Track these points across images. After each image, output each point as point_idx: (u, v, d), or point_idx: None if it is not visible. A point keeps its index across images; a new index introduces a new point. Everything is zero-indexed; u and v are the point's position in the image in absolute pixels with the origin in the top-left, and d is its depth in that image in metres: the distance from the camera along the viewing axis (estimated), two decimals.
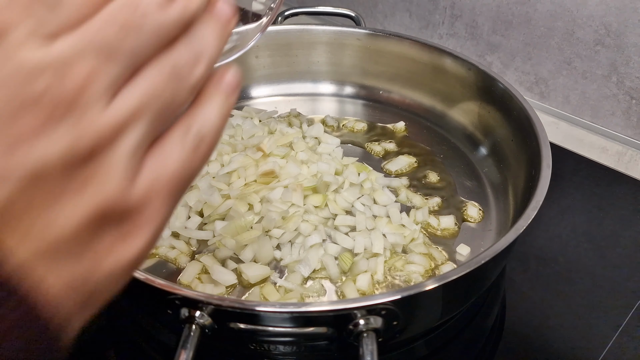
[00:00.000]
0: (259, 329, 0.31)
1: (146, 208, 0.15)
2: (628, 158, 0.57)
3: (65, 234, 0.13)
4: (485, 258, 0.31)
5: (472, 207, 0.47)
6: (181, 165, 0.15)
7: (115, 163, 0.14)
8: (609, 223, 0.48)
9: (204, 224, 0.43)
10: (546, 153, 0.40)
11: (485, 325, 0.40)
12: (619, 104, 0.58)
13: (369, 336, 0.29)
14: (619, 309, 0.41)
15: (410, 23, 0.71)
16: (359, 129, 0.57)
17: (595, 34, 0.57)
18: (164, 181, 0.15)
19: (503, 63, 0.65)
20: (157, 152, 0.15)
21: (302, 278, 0.40)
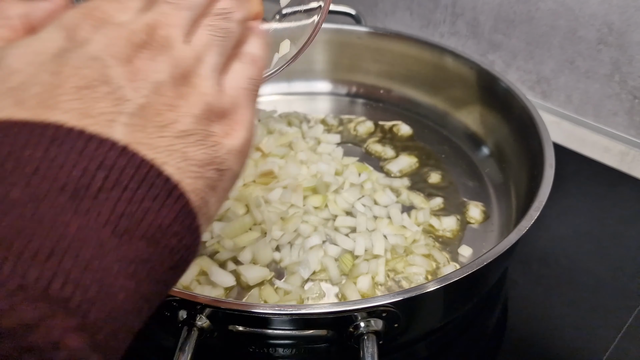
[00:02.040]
0: (258, 332, 0.30)
1: (236, 107, 0.21)
2: (631, 158, 0.57)
3: (189, 128, 0.18)
4: (487, 259, 0.31)
5: (474, 208, 0.46)
6: (248, 75, 0.22)
7: (204, 76, 0.20)
8: (612, 223, 0.48)
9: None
10: (549, 153, 0.40)
11: (487, 327, 0.40)
12: (621, 103, 0.58)
13: (370, 338, 0.29)
14: (622, 310, 0.40)
15: (411, 21, 0.71)
16: (360, 128, 0.56)
17: (598, 33, 0.56)
18: (242, 86, 0.21)
19: (505, 62, 0.65)
20: (229, 70, 0.22)
21: (302, 280, 0.39)
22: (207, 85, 0.19)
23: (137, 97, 0.17)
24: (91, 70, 0.17)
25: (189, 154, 0.18)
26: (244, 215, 0.43)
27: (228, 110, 0.20)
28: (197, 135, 0.19)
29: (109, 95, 0.17)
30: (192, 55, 0.19)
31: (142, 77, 0.18)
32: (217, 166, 0.19)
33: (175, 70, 0.19)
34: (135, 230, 0.16)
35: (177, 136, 0.18)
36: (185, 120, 0.18)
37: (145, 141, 0.17)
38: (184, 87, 0.19)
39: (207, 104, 0.19)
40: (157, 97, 0.18)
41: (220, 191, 0.20)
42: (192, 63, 0.19)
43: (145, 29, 0.19)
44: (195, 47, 0.20)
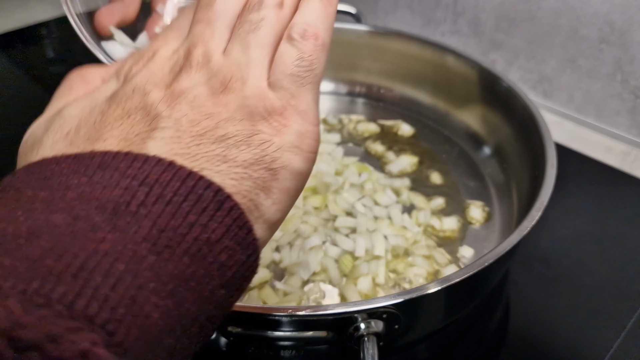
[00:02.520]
0: (257, 333, 0.30)
1: (286, 99, 0.19)
2: (633, 158, 0.57)
3: (229, 129, 0.18)
4: (488, 260, 0.31)
5: (476, 208, 0.46)
6: (295, 56, 0.19)
7: (245, 78, 0.19)
8: (614, 224, 0.48)
9: None
10: (550, 153, 0.40)
11: (488, 328, 0.40)
12: (623, 103, 0.58)
13: (370, 340, 0.29)
14: (624, 311, 0.40)
15: (412, 20, 0.71)
16: (360, 128, 0.56)
17: (600, 32, 0.56)
18: (288, 72, 0.19)
19: (506, 61, 0.65)
20: (275, 58, 0.19)
21: (302, 281, 0.39)
22: (248, 86, 0.19)
23: (173, 113, 0.17)
24: (132, 101, 0.18)
25: (229, 156, 0.17)
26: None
27: (275, 107, 0.19)
28: (238, 137, 0.18)
29: (145, 117, 0.17)
30: (230, 61, 0.19)
31: (178, 95, 0.18)
32: (266, 165, 0.18)
33: (213, 79, 0.18)
34: (178, 245, 0.15)
35: (216, 141, 0.17)
36: (225, 125, 0.18)
37: (181, 151, 0.17)
38: (224, 94, 0.18)
39: (250, 107, 0.18)
40: (195, 109, 0.18)
41: (277, 191, 0.18)
42: (231, 69, 0.19)
43: (183, 54, 0.19)
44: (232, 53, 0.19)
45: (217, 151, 0.17)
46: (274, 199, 0.18)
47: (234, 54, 0.19)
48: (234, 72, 0.19)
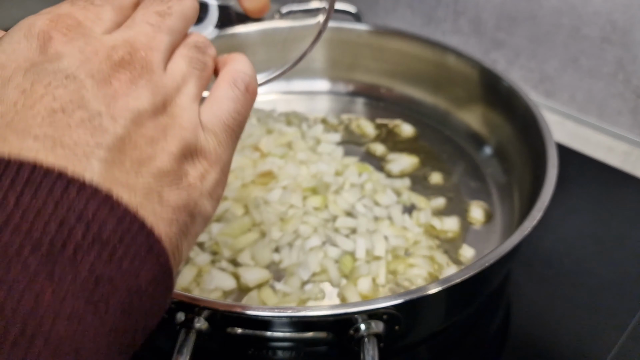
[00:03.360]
0: (257, 334, 0.30)
1: (213, 145, 0.19)
2: (635, 158, 0.57)
3: (165, 166, 0.17)
4: (489, 261, 0.31)
5: (477, 209, 0.46)
6: (232, 108, 0.20)
7: (183, 107, 0.18)
8: (616, 224, 0.47)
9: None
10: (552, 153, 0.39)
11: (489, 329, 0.40)
12: (625, 102, 0.57)
13: (370, 341, 0.28)
14: (626, 312, 0.40)
15: (412, 19, 0.71)
16: (360, 127, 0.56)
17: (602, 31, 0.56)
18: (223, 120, 0.19)
19: (507, 60, 0.65)
20: (209, 102, 0.20)
21: (302, 281, 0.39)
22: (186, 117, 0.18)
23: (116, 127, 0.16)
24: (66, 91, 0.15)
25: (164, 196, 0.16)
26: (243, 216, 0.42)
27: (204, 149, 0.18)
28: (173, 176, 0.17)
29: (86, 122, 0.15)
30: (171, 83, 0.18)
31: (121, 104, 0.16)
32: (190, 210, 0.18)
33: (156, 97, 0.17)
34: (112, 297, 0.14)
35: (155, 175, 0.16)
36: (162, 157, 0.17)
37: (123, 180, 0.15)
38: (163, 117, 0.17)
39: (185, 140, 0.18)
40: (136, 128, 0.16)
41: (191, 236, 0.18)
42: (171, 91, 0.18)
43: (125, 47, 0.17)
44: (174, 74, 0.18)
45: (155, 187, 0.16)
46: (188, 244, 0.18)
47: (176, 75, 0.18)
48: (175, 97, 0.18)
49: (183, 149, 0.17)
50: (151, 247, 0.15)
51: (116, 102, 0.16)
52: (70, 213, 0.14)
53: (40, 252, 0.13)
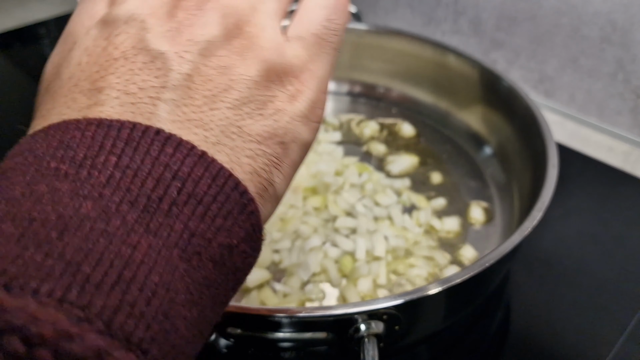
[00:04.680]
0: (257, 334, 0.30)
1: (303, 61, 0.17)
2: (635, 158, 0.57)
3: (244, 91, 0.16)
4: (489, 261, 0.31)
5: (477, 209, 0.46)
6: (322, 16, 0.18)
7: (262, 25, 0.16)
8: (616, 224, 0.47)
9: None
10: (552, 153, 0.39)
11: (489, 329, 0.40)
12: (625, 102, 0.57)
13: (370, 341, 0.28)
14: (626, 312, 0.40)
15: (412, 19, 0.71)
16: (360, 127, 0.56)
17: (601, 31, 0.56)
18: (312, 31, 0.17)
19: (507, 60, 0.65)
20: (297, 14, 0.18)
21: (301, 282, 0.39)
22: (266, 36, 0.16)
23: (182, 64, 0.15)
24: (127, 36, 0.15)
25: (245, 128, 0.15)
26: None
27: (292, 67, 0.17)
28: (255, 103, 0.16)
29: (149, 64, 0.15)
30: (246, 3, 0.16)
31: (187, 36, 0.15)
32: (279, 139, 0.16)
33: (227, 20, 0.16)
34: (205, 251, 0.14)
35: (231, 106, 0.15)
36: (240, 85, 0.15)
37: (193, 116, 0.15)
38: (237, 40, 0.16)
39: (267, 62, 0.16)
40: (206, 59, 0.15)
41: (287, 167, 0.17)
42: (246, 11, 0.16)
43: None
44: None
45: (232, 120, 0.15)
46: (284, 174, 0.17)
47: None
48: (250, 16, 0.16)
49: (266, 71, 0.16)
50: (244, 205, 0.15)
51: (180, 36, 0.15)
52: (166, 172, 0.14)
53: (137, 208, 0.14)
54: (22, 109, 0.61)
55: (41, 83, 0.17)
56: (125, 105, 0.14)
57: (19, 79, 0.68)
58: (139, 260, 0.13)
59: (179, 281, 0.14)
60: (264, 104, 0.16)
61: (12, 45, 0.75)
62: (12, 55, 0.73)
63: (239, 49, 0.16)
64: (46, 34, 0.77)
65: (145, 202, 0.14)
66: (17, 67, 0.71)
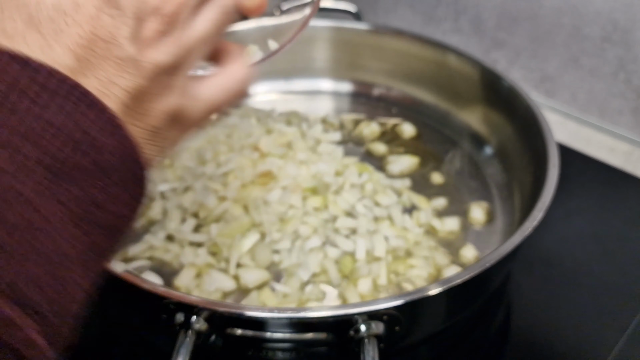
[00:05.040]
0: (257, 335, 0.30)
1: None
2: (636, 158, 0.56)
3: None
4: (490, 261, 0.31)
5: (477, 209, 0.46)
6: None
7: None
8: (617, 225, 0.47)
9: (200, 226, 0.43)
10: (552, 153, 0.39)
11: (489, 330, 0.40)
12: (626, 102, 0.57)
13: (371, 342, 0.28)
14: (627, 312, 0.40)
15: (412, 18, 0.71)
16: (360, 127, 0.56)
17: (603, 31, 0.56)
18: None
19: (508, 60, 0.64)
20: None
21: (301, 282, 0.39)
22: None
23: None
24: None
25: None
26: (243, 217, 0.42)
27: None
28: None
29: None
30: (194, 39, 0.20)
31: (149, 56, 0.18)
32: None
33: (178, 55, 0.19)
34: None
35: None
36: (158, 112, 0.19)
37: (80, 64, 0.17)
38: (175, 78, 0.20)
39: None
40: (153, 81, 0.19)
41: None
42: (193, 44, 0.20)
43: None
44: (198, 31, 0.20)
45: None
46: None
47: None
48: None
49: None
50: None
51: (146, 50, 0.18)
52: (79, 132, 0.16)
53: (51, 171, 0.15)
54: None
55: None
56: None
57: None
58: (41, 226, 0.14)
59: (70, 241, 0.15)
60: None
61: None
62: None
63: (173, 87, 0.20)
64: None
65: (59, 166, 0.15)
66: None
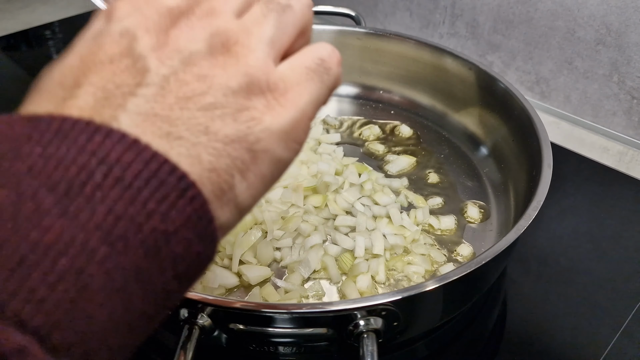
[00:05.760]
0: (259, 330, 0.30)
1: (290, 84, 0.18)
2: (629, 158, 0.57)
3: (219, 98, 0.16)
4: (485, 258, 0.31)
5: (473, 208, 0.46)
6: (318, 54, 0.19)
7: (252, 47, 0.17)
8: (610, 223, 0.48)
9: None
10: (547, 153, 0.40)
11: (486, 326, 0.40)
12: (620, 103, 0.58)
13: (370, 337, 0.29)
14: (620, 310, 0.40)
15: (410, 22, 0.71)
16: (359, 129, 0.56)
17: (596, 34, 0.56)
18: (305, 64, 0.18)
19: (504, 62, 0.65)
20: (294, 51, 0.19)
21: (302, 279, 0.39)
22: (254, 56, 0.17)
23: (161, 67, 0.16)
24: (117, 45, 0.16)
25: (212, 128, 0.16)
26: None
27: (277, 85, 0.17)
28: (228, 109, 0.16)
29: (131, 67, 0.15)
30: (238, 25, 0.17)
31: (172, 47, 0.16)
32: (248, 145, 0.16)
33: (215, 38, 0.17)
34: (134, 236, 0.14)
35: (202, 108, 0.16)
36: (216, 92, 0.16)
37: (162, 112, 0.15)
38: (223, 56, 0.17)
39: (249, 76, 0.16)
40: (187, 67, 0.16)
41: (253, 177, 0.17)
42: (237, 33, 0.17)
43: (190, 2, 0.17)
44: (245, 18, 0.18)
45: (201, 120, 0.15)
46: (249, 183, 0.17)
47: (248, 22, 0.17)
48: (241, 38, 0.17)
49: (248, 85, 0.16)
50: (183, 190, 0.14)
51: (166, 46, 0.16)
52: (92, 158, 0.14)
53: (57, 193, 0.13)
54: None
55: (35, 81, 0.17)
56: (98, 100, 0.15)
57: (24, 80, 0.69)
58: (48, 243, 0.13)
59: (97, 265, 0.13)
60: (239, 111, 0.16)
61: (17, 47, 0.76)
62: (18, 57, 0.74)
63: (222, 63, 0.16)
64: (51, 36, 0.78)
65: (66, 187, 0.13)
66: (23, 68, 0.71)
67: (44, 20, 0.79)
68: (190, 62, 0.16)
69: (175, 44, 0.16)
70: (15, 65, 0.72)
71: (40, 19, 0.79)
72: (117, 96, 0.15)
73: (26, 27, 0.78)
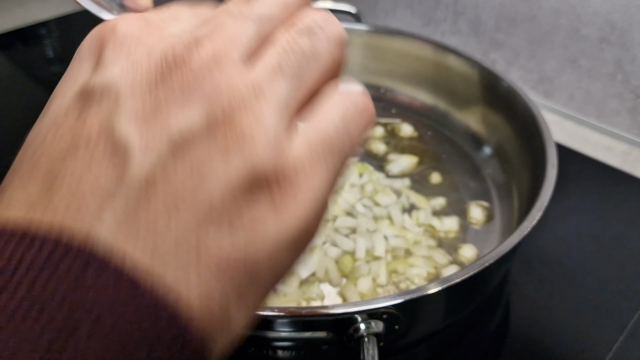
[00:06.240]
0: (257, 334, 0.30)
1: (300, 174, 0.13)
2: (633, 158, 0.57)
3: (218, 201, 0.12)
4: (489, 260, 0.31)
5: (476, 208, 0.46)
6: (336, 123, 0.14)
7: (261, 118, 0.13)
8: (615, 224, 0.48)
9: None
10: (551, 153, 0.39)
11: (488, 329, 0.40)
12: (624, 102, 0.58)
13: (370, 341, 0.29)
14: (625, 311, 0.40)
15: (412, 20, 0.71)
16: None
17: (600, 32, 0.56)
18: (318, 142, 0.14)
19: (507, 61, 0.65)
20: (312, 111, 0.14)
21: (301, 281, 0.39)
22: (264, 136, 0.12)
23: (146, 155, 0.12)
24: (97, 116, 0.12)
25: (205, 243, 0.12)
26: None
27: (288, 174, 0.13)
28: (225, 215, 0.12)
29: (109, 159, 0.12)
30: (247, 82, 0.13)
31: (160, 121, 0.12)
32: (249, 265, 0.13)
33: (216, 105, 0.12)
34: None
35: (195, 217, 0.12)
36: (212, 192, 0.12)
37: (144, 225, 0.12)
38: (224, 136, 0.12)
39: (255, 166, 0.12)
40: (178, 153, 0.12)
41: (252, 302, 0.13)
42: (244, 94, 0.13)
43: (188, 44, 0.13)
44: (256, 71, 0.13)
45: (192, 231, 0.12)
46: (247, 308, 0.13)
47: (260, 74, 0.13)
48: (248, 101, 0.13)
49: (251, 175, 0.12)
50: (184, 343, 0.12)
51: (154, 119, 0.12)
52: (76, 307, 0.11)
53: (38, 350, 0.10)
54: (22, 108, 0.61)
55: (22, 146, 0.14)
56: (70, 209, 0.12)
57: (19, 79, 0.69)
58: None
59: None
60: (237, 216, 0.12)
61: (13, 45, 0.75)
62: (13, 55, 0.74)
63: (223, 147, 0.12)
64: (47, 34, 0.77)
65: (46, 344, 0.10)
66: (18, 67, 0.71)
67: (40, 18, 0.79)
68: (182, 147, 0.12)
69: (165, 115, 0.12)
70: (10, 63, 0.72)
71: (36, 17, 0.79)
72: (91, 208, 0.12)
73: (21, 24, 0.77)
